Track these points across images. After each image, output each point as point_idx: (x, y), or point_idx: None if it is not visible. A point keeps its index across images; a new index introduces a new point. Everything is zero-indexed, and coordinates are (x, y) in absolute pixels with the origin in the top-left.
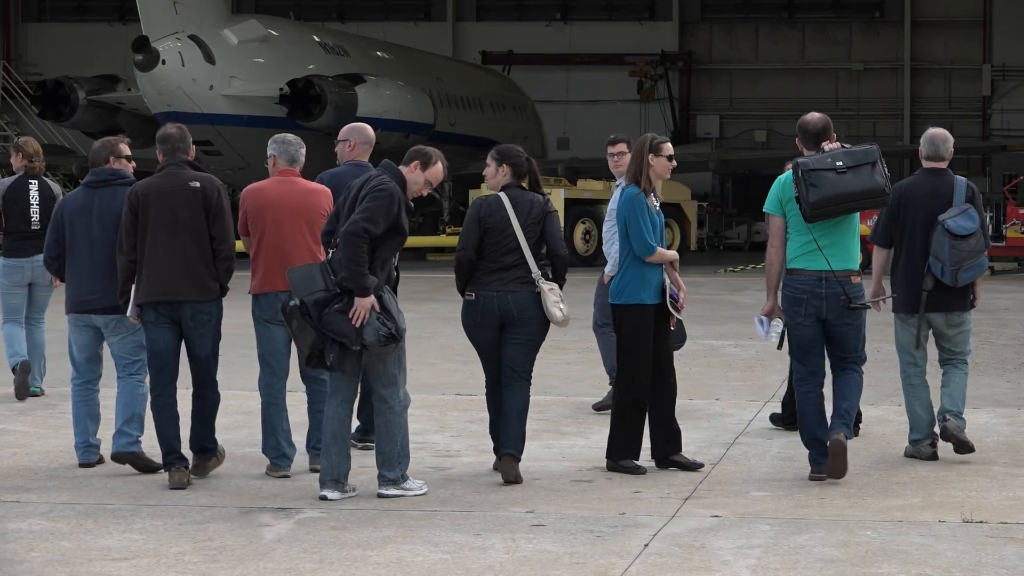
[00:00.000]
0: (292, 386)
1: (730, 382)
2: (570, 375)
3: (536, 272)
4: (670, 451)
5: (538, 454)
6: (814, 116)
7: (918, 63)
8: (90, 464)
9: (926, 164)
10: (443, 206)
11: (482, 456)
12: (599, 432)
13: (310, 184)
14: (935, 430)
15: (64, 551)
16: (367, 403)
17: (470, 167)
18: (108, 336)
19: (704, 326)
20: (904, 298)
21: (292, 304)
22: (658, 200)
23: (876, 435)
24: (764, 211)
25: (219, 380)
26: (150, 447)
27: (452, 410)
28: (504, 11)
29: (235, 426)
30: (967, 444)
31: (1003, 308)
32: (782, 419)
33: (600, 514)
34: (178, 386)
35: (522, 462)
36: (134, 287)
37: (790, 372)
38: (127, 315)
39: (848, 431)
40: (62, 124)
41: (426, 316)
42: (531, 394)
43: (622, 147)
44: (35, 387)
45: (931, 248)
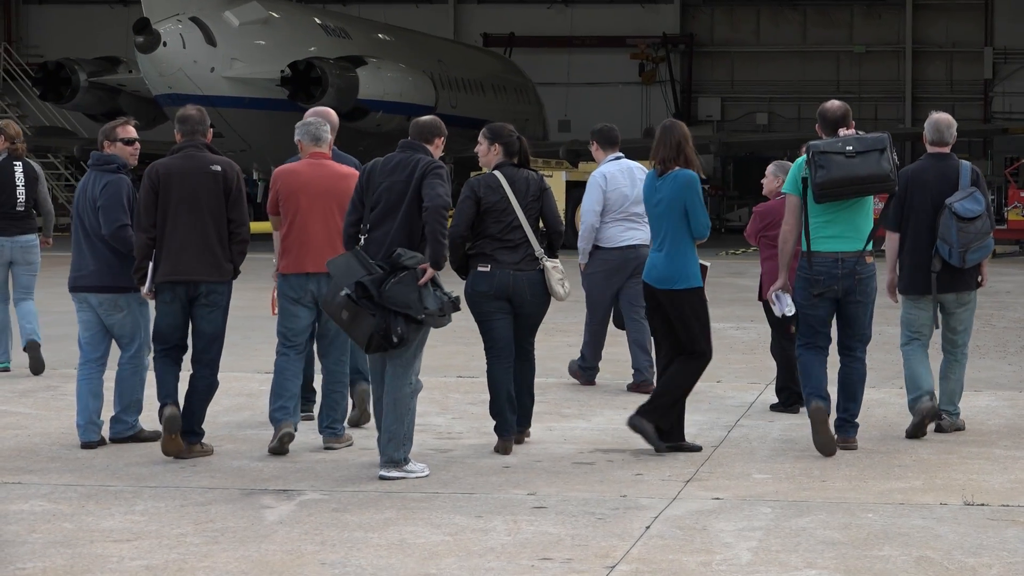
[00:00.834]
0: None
1: (731, 364)
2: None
3: (539, 250)
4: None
5: (540, 436)
6: (834, 103)
7: (919, 46)
8: (91, 445)
9: (931, 149)
10: None
11: (484, 438)
12: (600, 415)
13: (341, 168)
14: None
15: (66, 532)
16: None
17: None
18: (103, 315)
19: None
20: (910, 280)
21: (343, 295)
22: None
23: (877, 418)
24: (782, 191)
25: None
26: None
27: (453, 392)
28: None
29: (237, 408)
30: (960, 429)
31: (1005, 291)
32: (782, 404)
33: (602, 496)
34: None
35: (523, 446)
36: (151, 264)
37: (775, 358)
38: (142, 291)
39: (855, 430)
40: (63, 106)
41: None
42: (538, 379)
43: None
44: (3, 363)
45: (939, 231)
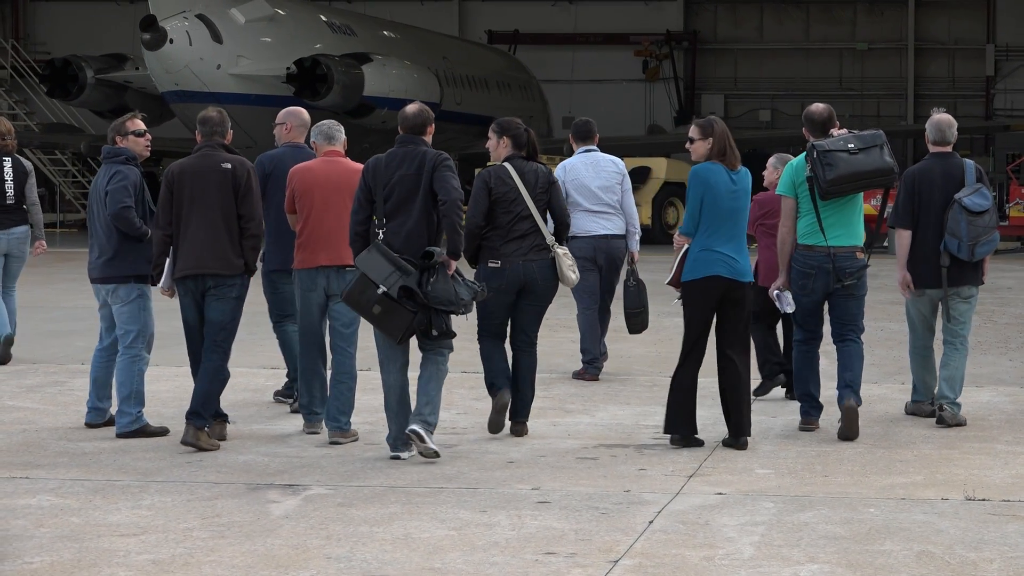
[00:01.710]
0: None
1: None
2: (576, 353)
3: (550, 239)
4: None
5: (544, 432)
6: (819, 106)
7: (922, 43)
8: (95, 425)
9: (933, 149)
10: None
11: (488, 434)
12: (604, 410)
13: (353, 164)
14: (934, 402)
15: (73, 527)
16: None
17: (476, 146)
18: (110, 303)
19: None
20: (918, 274)
21: (379, 292)
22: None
23: (879, 413)
24: (777, 193)
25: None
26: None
27: (458, 388)
28: None
29: (243, 403)
30: (962, 425)
31: (1006, 287)
32: (767, 378)
33: (605, 491)
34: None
35: (527, 441)
36: (169, 261)
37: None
38: (160, 288)
39: (857, 398)
40: (70, 102)
41: None
42: (538, 375)
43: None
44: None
45: (947, 226)
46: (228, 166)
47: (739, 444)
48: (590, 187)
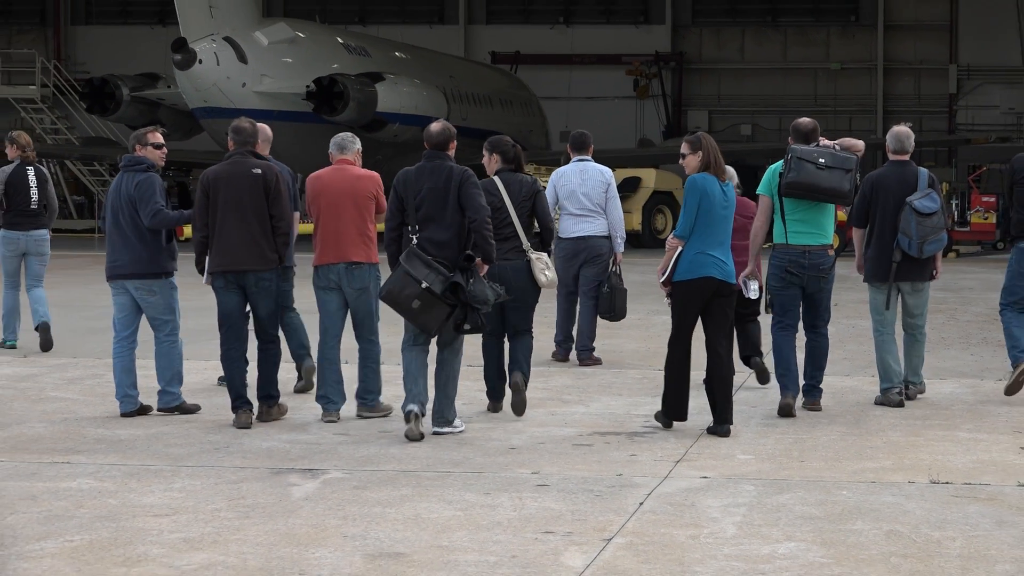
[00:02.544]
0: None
1: None
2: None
3: (526, 244)
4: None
5: (543, 420)
6: (806, 120)
7: (890, 63)
8: (130, 414)
9: (892, 157)
10: None
11: (492, 422)
12: (598, 401)
13: (359, 171)
14: (901, 389)
15: (110, 508)
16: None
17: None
18: (139, 299)
19: None
20: (875, 269)
21: (422, 288)
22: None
23: (851, 403)
24: (757, 192)
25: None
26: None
27: (463, 380)
28: (512, 15)
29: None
30: (922, 392)
31: (967, 288)
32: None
33: (599, 475)
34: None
35: (527, 429)
36: (208, 258)
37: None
38: (203, 281)
39: (819, 394)
40: (108, 118)
41: None
42: (537, 368)
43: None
44: (11, 340)
45: (900, 226)
46: (259, 171)
47: (722, 432)
48: (577, 192)
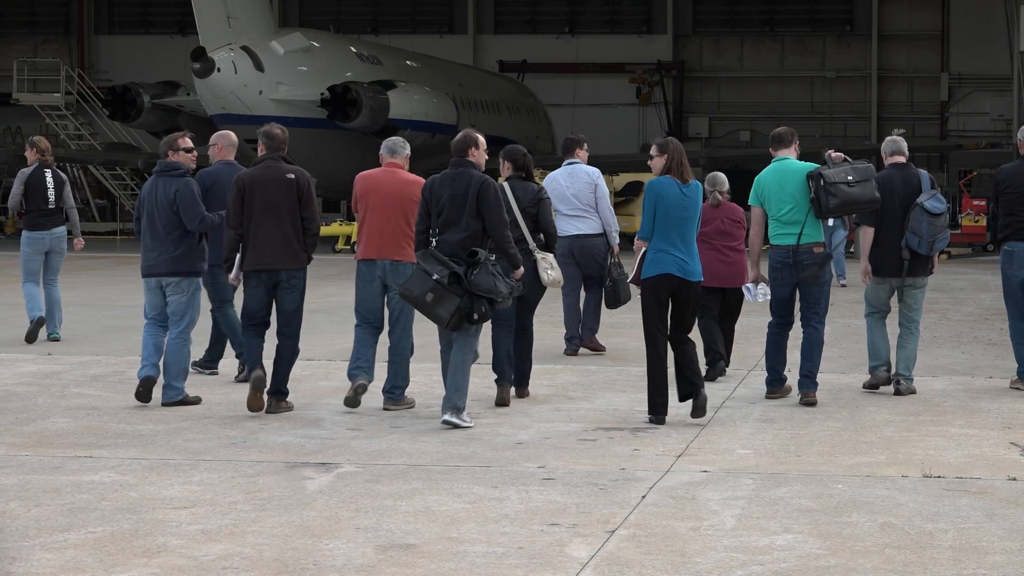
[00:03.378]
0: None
1: None
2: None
3: (532, 244)
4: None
5: (548, 416)
6: (781, 128)
7: (884, 72)
8: (149, 381)
9: (891, 160)
10: None
11: (499, 418)
12: (602, 397)
13: (408, 175)
14: (889, 366)
15: (131, 500)
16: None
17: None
18: (168, 294)
19: None
20: (880, 264)
21: (433, 279)
22: None
23: (846, 400)
24: (749, 203)
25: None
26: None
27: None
28: (519, 25)
29: None
30: (913, 393)
31: (959, 288)
32: (707, 365)
33: (603, 469)
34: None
35: (533, 424)
36: (239, 256)
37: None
38: (230, 278)
39: (814, 387)
40: (129, 124)
41: None
42: (544, 365)
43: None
44: (55, 333)
45: (909, 225)
46: (292, 176)
47: (700, 401)
48: (566, 194)
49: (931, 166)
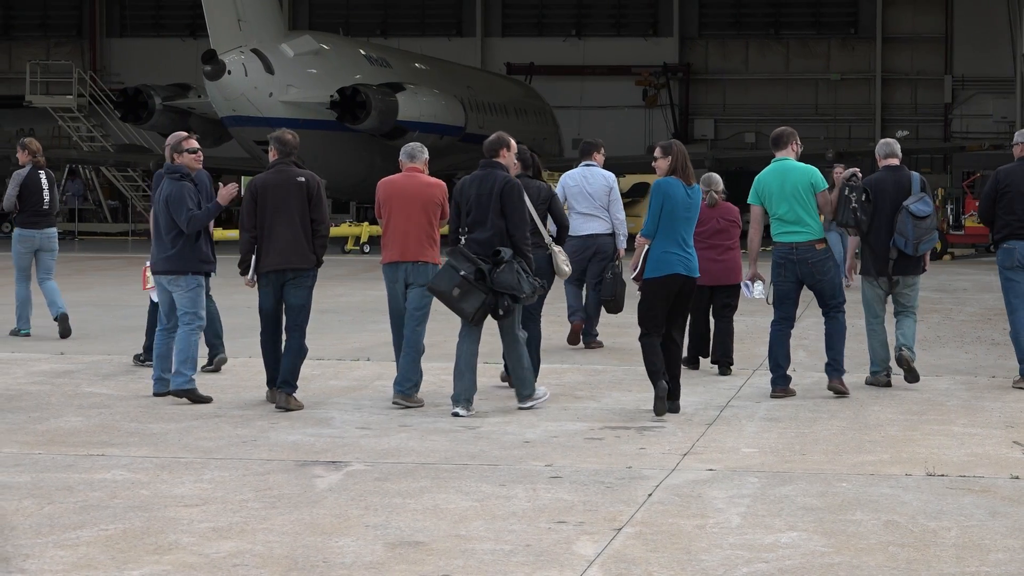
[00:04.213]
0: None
1: None
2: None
3: (548, 239)
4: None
5: (556, 415)
6: (780, 129)
7: (888, 74)
8: (161, 394)
9: (885, 162)
10: None
11: (507, 416)
12: (609, 396)
13: (428, 179)
14: (891, 363)
15: (143, 498)
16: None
17: None
18: (171, 291)
19: None
20: (871, 265)
21: (460, 275)
22: None
23: (851, 400)
24: (748, 202)
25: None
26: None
27: (479, 376)
28: (526, 28)
29: None
30: (915, 372)
31: (962, 289)
32: (687, 362)
33: (610, 467)
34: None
35: (541, 423)
36: (254, 258)
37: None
38: (245, 280)
39: (839, 375)
40: (141, 126)
41: None
42: (551, 365)
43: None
44: (26, 330)
45: (896, 227)
46: (303, 180)
47: (674, 407)
48: (584, 191)
49: (935, 168)
